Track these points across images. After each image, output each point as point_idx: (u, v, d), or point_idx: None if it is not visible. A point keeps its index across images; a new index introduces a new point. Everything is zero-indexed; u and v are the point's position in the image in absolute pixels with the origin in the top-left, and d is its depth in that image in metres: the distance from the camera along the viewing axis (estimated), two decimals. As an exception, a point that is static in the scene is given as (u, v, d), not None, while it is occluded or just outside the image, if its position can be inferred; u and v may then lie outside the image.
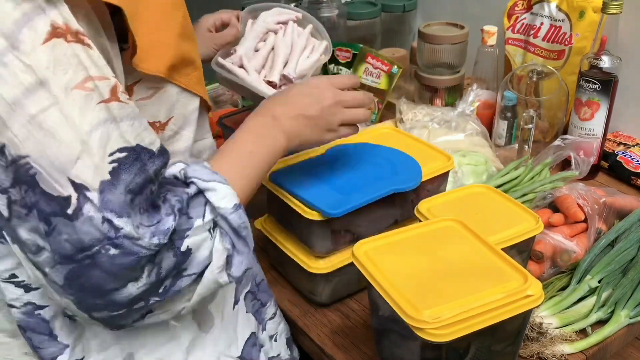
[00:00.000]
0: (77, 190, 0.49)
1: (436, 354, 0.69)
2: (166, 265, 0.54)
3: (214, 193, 0.60)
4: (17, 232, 0.51)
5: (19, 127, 0.47)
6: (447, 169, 0.97)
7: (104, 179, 0.49)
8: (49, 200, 0.48)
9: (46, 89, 0.48)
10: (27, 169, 0.48)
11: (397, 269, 0.72)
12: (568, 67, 1.29)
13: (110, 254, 0.50)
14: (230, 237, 0.61)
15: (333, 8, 1.47)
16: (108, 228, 0.49)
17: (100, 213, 0.49)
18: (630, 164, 1.22)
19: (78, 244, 0.49)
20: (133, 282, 0.52)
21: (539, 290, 0.68)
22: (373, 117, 1.42)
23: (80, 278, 0.51)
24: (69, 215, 0.48)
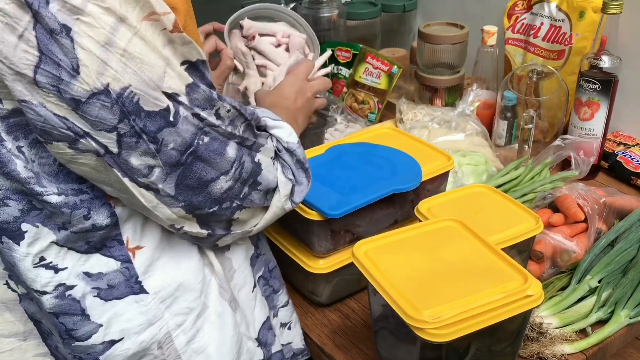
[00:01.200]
0: (171, 99, 0.58)
1: (436, 354, 0.69)
2: (246, 168, 0.66)
3: (282, 130, 0.73)
4: (129, 161, 0.58)
5: (116, 63, 0.54)
6: (447, 169, 0.98)
7: (188, 83, 0.59)
8: (153, 117, 0.57)
9: (126, 24, 0.54)
10: (131, 97, 0.55)
11: (397, 269, 0.72)
12: (568, 67, 1.29)
13: (205, 141, 0.61)
14: (292, 169, 0.73)
15: (333, 8, 1.47)
16: (197, 121, 0.60)
17: (190, 110, 0.59)
18: (630, 164, 1.22)
19: (183, 145, 0.59)
20: (224, 175, 0.64)
21: (539, 290, 0.68)
22: (373, 117, 1.42)
23: (186, 179, 0.61)
24: (171, 122, 0.58)
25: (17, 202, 0.60)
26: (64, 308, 0.65)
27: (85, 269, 0.65)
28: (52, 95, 0.53)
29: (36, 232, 0.62)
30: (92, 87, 0.53)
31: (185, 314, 0.70)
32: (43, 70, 0.52)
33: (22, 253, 0.62)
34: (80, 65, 0.53)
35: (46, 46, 0.52)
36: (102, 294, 0.66)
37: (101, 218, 0.63)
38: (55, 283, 0.64)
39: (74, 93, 0.53)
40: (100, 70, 0.53)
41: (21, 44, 0.51)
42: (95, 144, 0.57)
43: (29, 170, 0.59)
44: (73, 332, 0.66)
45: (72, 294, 0.65)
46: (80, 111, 0.54)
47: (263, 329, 0.81)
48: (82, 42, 0.52)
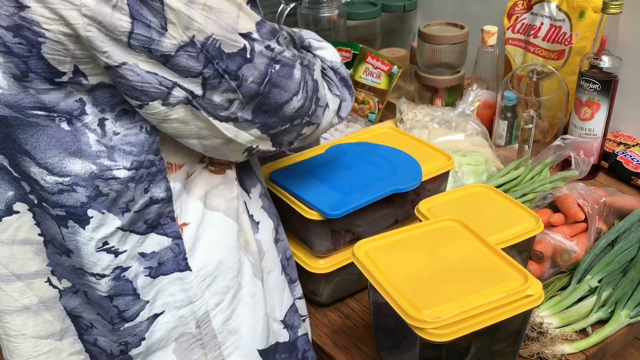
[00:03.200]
0: (246, 38, 0.63)
1: (436, 354, 0.69)
2: (309, 85, 0.71)
3: (327, 51, 0.78)
4: (212, 99, 0.63)
5: (199, 16, 0.59)
6: (447, 169, 0.98)
7: (257, 20, 0.64)
8: (233, 58, 0.62)
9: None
10: (214, 44, 0.60)
11: (397, 269, 0.72)
12: (568, 67, 1.29)
13: (276, 69, 0.66)
14: (337, 86, 0.78)
15: (333, 8, 1.47)
16: (269, 52, 0.65)
17: (263, 44, 0.64)
18: (630, 164, 1.22)
19: (261, 77, 0.64)
20: (296, 96, 0.69)
21: (539, 290, 0.68)
22: (373, 117, 1.42)
23: (263, 105, 0.66)
24: (248, 58, 0.63)
25: (85, 188, 0.62)
26: (118, 289, 0.66)
27: (141, 250, 0.67)
28: (143, 55, 0.58)
29: (102, 218, 0.63)
30: (180, 40, 0.58)
31: (223, 293, 0.72)
32: (136, 35, 0.57)
33: (86, 237, 0.63)
34: (168, 23, 0.57)
35: (137, 11, 0.56)
36: (152, 272, 0.68)
37: (158, 191, 0.66)
38: (114, 266, 0.65)
39: (163, 49, 0.58)
40: (186, 25, 0.58)
41: (115, 13, 0.55)
42: (184, 91, 0.61)
43: (102, 145, 0.61)
44: (124, 314, 0.67)
45: (126, 275, 0.67)
46: (170, 64, 0.59)
47: (290, 311, 0.82)
48: (170, 2, 0.57)
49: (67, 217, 0.63)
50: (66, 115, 0.60)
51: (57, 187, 0.61)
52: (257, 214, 0.79)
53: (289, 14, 1.55)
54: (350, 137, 1.06)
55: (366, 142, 1.01)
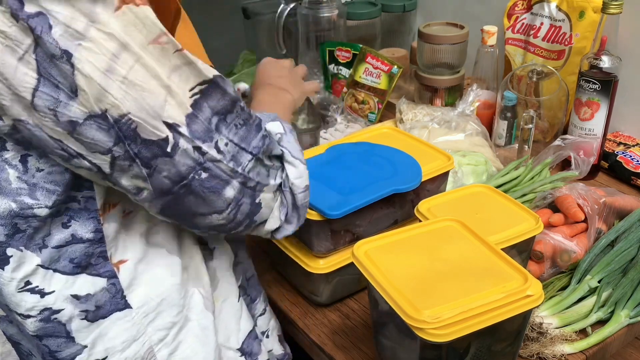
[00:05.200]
0: (171, 130, 0.56)
1: (436, 354, 0.69)
2: (242, 210, 0.64)
3: (295, 169, 0.69)
4: (119, 181, 0.58)
5: (116, 90, 0.53)
6: (447, 169, 0.97)
7: (188, 113, 0.57)
8: (149, 146, 0.56)
9: (128, 50, 0.53)
10: (129, 124, 0.54)
11: (397, 269, 0.72)
12: (568, 67, 1.29)
13: (201, 177, 0.59)
14: (287, 209, 0.70)
15: (333, 8, 1.47)
16: (198, 155, 0.58)
17: (191, 143, 0.57)
18: (630, 164, 1.22)
19: (177, 177, 0.58)
20: (217, 215, 0.62)
21: (539, 290, 0.68)
22: (373, 117, 1.42)
23: (173, 207, 0.61)
24: (168, 152, 0.57)
25: (3, 227, 0.59)
26: (48, 331, 0.64)
27: (74, 292, 0.64)
28: (48, 119, 0.53)
29: (20, 256, 0.60)
30: (90, 110, 0.53)
31: (167, 329, 0.70)
32: (42, 93, 0.52)
33: (6, 278, 0.61)
34: (78, 90, 0.52)
35: (46, 69, 0.51)
36: (90, 316, 0.65)
37: (83, 231, 0.62)
38: (41, 307, 0.63)
39: (71, 115, 0.53)
40: (99, 96, 0.53)
41: (21, 66, 0.51)
42: (89, 163, 0.56)
43: (23, 182, 0.58)
44: (57, 354, 0.65)
45: (58, 318, 0.64)
46: (76, 133, 0.54)
47: (249, 338, 0.80)
48: (83, 68, 0.51)
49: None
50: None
51: None
52: (212, 241, 0.76)
53: (289, 14, 1.55)
54: (350, 137, 1.06)
55: (366, 142, 1.01)
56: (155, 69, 0.55)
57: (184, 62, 0.57)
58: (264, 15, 1.66)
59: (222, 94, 0.60)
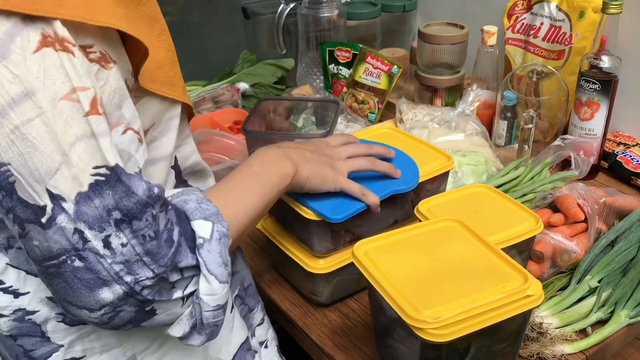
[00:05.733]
0: (53, 201, 0.49)
1: (436, 354, 0.69)
2: (123, 317, 0.54)
3: (207, 285, 0.59)
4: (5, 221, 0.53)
5: (2, 137, 0.47)
6: (447, 169, 0.97)
7: (81, 191, 0.50)
8: (24, 208, 0.49)
9: (33, 100, 0.48)
10: (7, 176, 0.48)
11: (397, 269, 0.72)
12: (568, 67, 1.29)
13: (75, 265, 0.50)
14: (196, 322, 0.60)
15: (333, 8, 1.47)
16: (77, 239, 0.50)
17: (73, 224, 0.50)
18: (630, 164, 1.22)
19: (47, 252, 0.50)
20: (87, 312, 0.52)
21: (539, 290, 0.68)
22: (373, 117, 1.42)
23: (45, 279, 0.53)
24: (42, 223, 0.49)
25: None
26: (22, 330, 0.63)
27: (49, 294, 0.62)
28: None
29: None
30: None
31: (152, 339, 0.69)
32: None
33: None
34: None
35: None
36: (68, 320, 0.63)
37: None
38: (14, 307, 0.62)
39: None
40: None
41: None
42: None
43: None
44: (32, 353, 0.64)
45: (32, 319, 0.63)
46: None
47: (241, 350, 0.78)
48: None
49: None
50: None
51: None
52: None
53: (289, 14, 1.55)
54: (350, 137, 1.06)
55: (364, 140, 1.01)
56: (57, 130, 0.48)
57: (89, 133, 0.50)
58: (264, 15, 1.66)
59: (125, 192, 0.51)
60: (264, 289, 0.99)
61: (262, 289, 0.99)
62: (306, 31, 1.50)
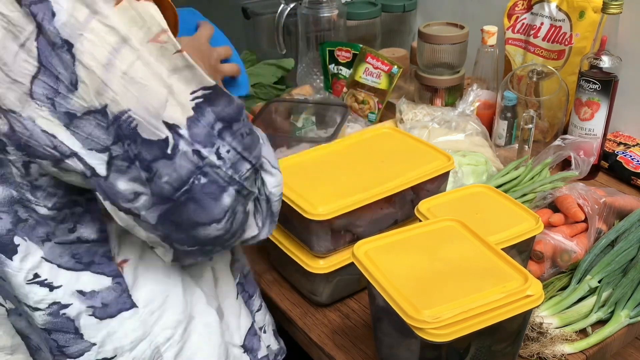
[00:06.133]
0: (171, 130, 0.54)
1: (436, 354, 0.69)
2: (237, 219, 0.62)
3: (273, 179, 0.67)
4: (115, 185, 0.55)
5: (117, 85, 0.52)
6: (447, 169, 0.97)
7: (189, 116, 0.55)
8: (150, 147, 0.54)
9: (129, 44, 0.52)
10: (129, 122, 0.53)
11: (397, 269, 0.72)
12: (568, 67, 1.29)
13: (201, 182, 0.56)
14: (262, 217, 0.68)
15: (333, 8, 1.47)
16: (197, 159, 0.56)
17: (191, 146, 0.55)
18: (630, 164, 1.22)
19: (177, 181, 0.55)
20: (216, 224, 0.59)
21: (539, 290, 0.68)
22: (373, 117, 1.42)
23: (173, 215, 0.57)
24: (168, 154, 0.54)
25: (8, 214, 0.58)
26: (57, 325, 0.64)
27: (79, 287, 0.63)
28: (45, 108, 0.52)
29: (26, 246, 0.60)
30: (90, 104, 0.52)
31: (173, 327, 0.70)
32: (40, 82, 0.51)
33: (15, 268, 0.60)
34: (79, 81, 0.51)
35: (47, 58, 0.51)
36: (97, 313, 0.65)
37: (88, 232, 0.62)
38: (50, 301, 0.63)
39: (69, 107, 0.52)
40: (99, 90, 0.52)
41: (22, 53, 0.51)
42: (82, 164, 0.54)
43: (26, 180, 0.57)
44: (65, 349, 0.65)
45: (66, 313, 0.64)
46: (73, 126, 0.53)
47: (249, 335, 0.80)
48: (83, 59, 0.51)
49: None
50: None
51: None
52: None
53: (289, 14, 1.55)
54: (350, 137, 1.06)
55: None
56: (155, 67, 0.53)
57: (184, 65, 0.55)
58: (264, 15, 1.66)
59: (228, 101, 0.58)
60: (264, 289, 0.99)
61: (262, 289, 0.99)
62: (306, 31, 1.50)
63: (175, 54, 0.55)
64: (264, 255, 1.05)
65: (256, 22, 1.68)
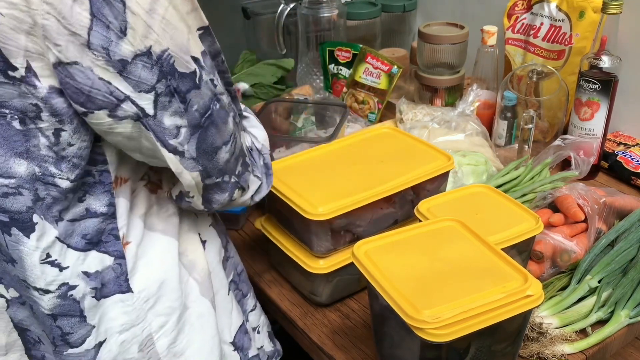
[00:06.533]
0: (197, 63, 0.62)
1: (436, 354, 0.69)
2: (238, 144, 0.69)
3: (261, 132, 0.78)
4: (162, 121, 0.61)
5: (158, 28, 0.58)
6: (447, 169, 0.97)
7: (202, 49, 0.63)
8: (185, 79, 0.61)
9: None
10: (169, 59, 0.59)
11: (397, 269, 0.72)
12: (568, 67, 1.29)
13: (217, 107, 0.64)
14: (259, 170, 0.76)
15: (333, 8, 1.47)
16: (212, 86, 0.64)
17: (208, 76, 0.63)
18: (630, 164, 1.22)
19: (204, 108, 0.63)
20: (225, 145, 0.66)
21: (539, 290, 0.68)
22: (373, 117, 1.42)
23: (204, 142, 0.64)
24: (197, 84, 0.62)
25: (30, 191, 0.59)
26: (64, 309, 0.64)
27: (84, 268, 0.64)
28: (101, 58, 0.56)
29: (43, 225, 0.61)
30: (137, 48, 0.57)
31: (167, 315, 0.70)
32: (96, 32, 0.55)
33: (31, 247, 0.60)
34: (128, 27, 0.56)
35: (98, 9, 0.54)
36: (97, 294, 0.65)
37: (97, 204, 0.64)
38: (60, 282, 0.63)
39: (121, 53, 0.56)
40: (145, 33, 0.57)
41: (76, 6, 0.53)
42: (135, 107, 0.59)
43: (52, 151, 0.59)
44: (69, 337, 0.65)
45: (73, 294, 0.64)
46: (126, 72, 0.57)
47: (239, 333, 0.80)
48: (132, 6, 0.55)
49: (10, 224, 0.60)
50: (19, 114, 0.57)
51: (1, 189, 0.58)
52: (205, 232, 0.78)
53: (289, 14, 1.55)
54: (349, 137, 1.06)
55: None
56: (181, 10, 0.60)
57: (192, 8, 0.62)
58: (264, 15, 1.66)
59: (212, 41, 0.66)
60: (263, 289, 0.99)
61: (262, 289, 1.00)
62: (306, 31, 1.50)
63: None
64: (264, 255, 1.05)
65: (256, 22, 1.68)
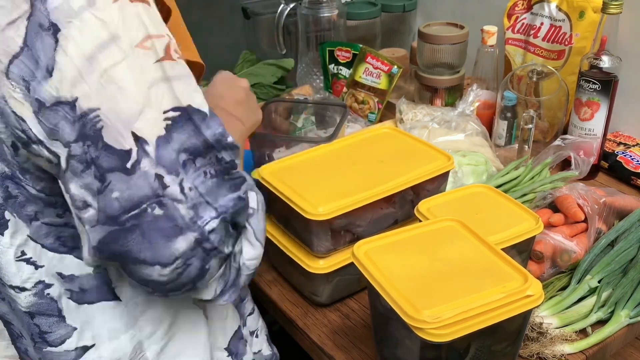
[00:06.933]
0: (138, 144, 0.51)
1: (436, 354, 0.69)
2: (189, 272, 0.55)
3: (253, 251, 0.61)
4: (68, 185, 0.53)
5: (93, 80, 0.49)
6: (447, 169, 0.97)
7: (160, 135, 0.51)
8: (110, 154, 0.50)
9: (117, 44, 0.50)
10: (95, 122, 0.50)
11: (397, 269, 0.72)
12: (568, 67, 1.29)
13: (155, 213, 0.51)
14: (226, 284, 0.62)
15: (333, 8, 1.47)
16: (158, 185, 0.51)
17: (154, 169, 0.51)
18: (630, 164, 1.22)
19: (128, 202, 0.50)
20: (160, 267, 0.52)
21: (539, 290, 0.68)
22: (373, 117, 1.42)
23: (113, 244, 0.52)
24: (127, 169, 0.50)
25: (0, 188, 0.58)
26: (41, 307, 0.63)
27: (59, 270, 0.63)
28: (18, 90, 0.51)
29: (15, 222, 0.59)
30: (61, 94, 0.50)
31: (158, 323, 0.69)
32: (20, 62, 0.50)
33: (5, 244, 0.60)
34: (55, 68, 0.50)
35: (32, 40, 0.50)
36: (75, 297, 0.64)
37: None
38: (36, 280, 0.62)
39: (41, 94, 0.50)
40: (74, 81, 0.50)
41: (9, 30, 0.50)
42: (47, 152, 0.53)
43: (15, 160, 0.57)
44: (47, 336, 0.64)
45: (50, 293, 0.63)
46: (41, 114, 0.51)
47: (234, 338, 0.80)
48: (67, 46, 0.49)
49: None
50: None
51: None
52: None
53: (289, 14, 1.55)
54: (349, 137, 1.06)
55: None
56: (138, 74, 0.51)
57: (161, 77, 0.52)
58: (264, 15, 1.66)
59: (194, 131, 0.53)
60: (263, 289, 0.99)
61: (262, 289, 1.00)
62: (306, 31, 1.50)
63: (156, 63, 0.52)
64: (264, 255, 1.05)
65: (256, 22, 1.68)
